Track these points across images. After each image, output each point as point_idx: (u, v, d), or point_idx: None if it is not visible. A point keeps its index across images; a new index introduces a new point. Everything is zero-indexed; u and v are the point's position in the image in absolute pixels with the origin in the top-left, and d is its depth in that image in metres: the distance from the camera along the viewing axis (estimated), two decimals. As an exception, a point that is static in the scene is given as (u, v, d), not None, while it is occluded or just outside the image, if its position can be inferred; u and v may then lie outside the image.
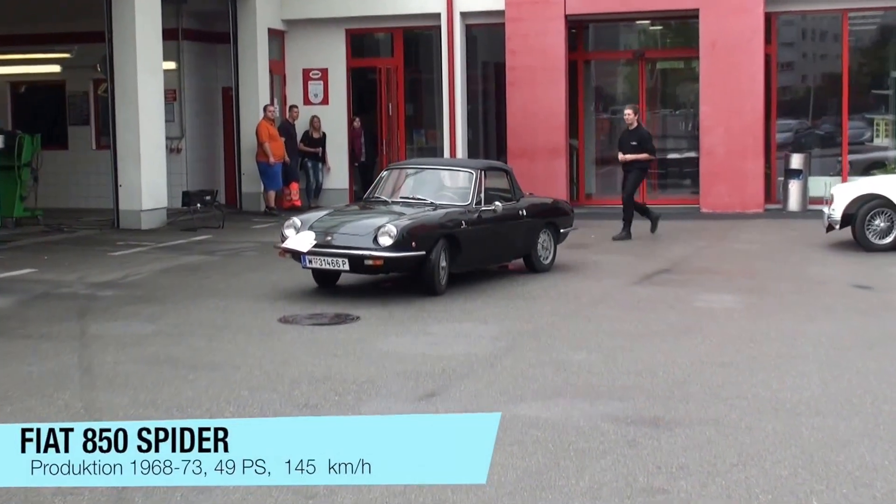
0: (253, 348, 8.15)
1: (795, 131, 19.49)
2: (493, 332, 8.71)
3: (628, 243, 14.46)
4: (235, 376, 7.25)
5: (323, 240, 10.29)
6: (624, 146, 14.80)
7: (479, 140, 20.91)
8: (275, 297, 10.47)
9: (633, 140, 14.72)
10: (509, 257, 11.99)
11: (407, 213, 10.72)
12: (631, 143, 14.74)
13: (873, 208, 13.03)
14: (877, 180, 13.62)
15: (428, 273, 10.29)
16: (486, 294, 10.57)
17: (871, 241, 13.00)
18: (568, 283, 11.26)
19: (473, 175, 11.31)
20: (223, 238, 15.45)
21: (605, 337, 8.51)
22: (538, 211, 12.14)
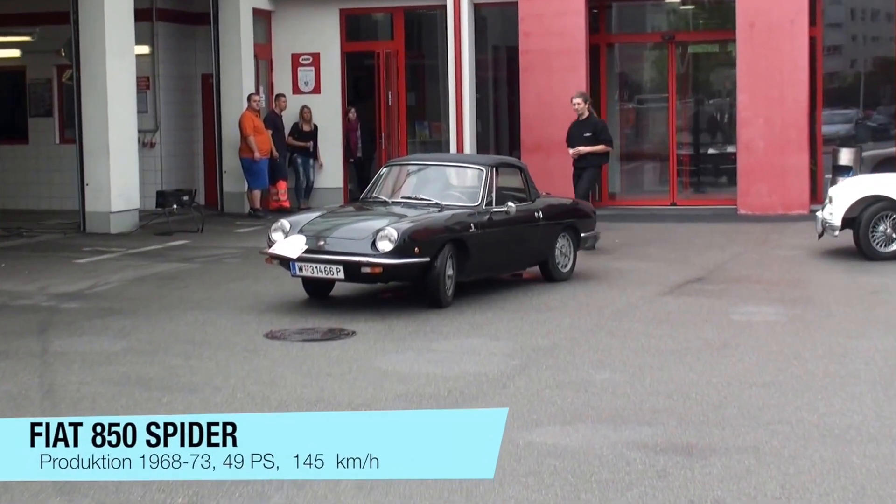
0: (236, 367, 8.16)
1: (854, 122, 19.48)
2: (506, 349, 8.70)
3: (658, 248, 14.45)
4: (216, 399, 7.26)
5: (315, 245, 10.30)
6: (574, 139, 14.60)
7: (490, 133, 20.92)
8: (260, 309, 10.48)
9: (585, 131, 14.56)
10: (524, 265, 11.98)
11: (409, 215, 10.72)
12: (583, 134, 14.54)
13: (878, 212, 12.76)
14: (882, 179, 13.28)
15: (432, 282, 10.30)
16: (497, 306, 10.57)
17: (876, 248, 12.79)
18: (589, 293, 11.26)
19: (483, 172, 11.32)
20: (202, 243, 15.46)
21: (630, 354, 8.50)
22: (556, 213, 12.14)
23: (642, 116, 20.93)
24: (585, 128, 14.60)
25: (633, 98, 20.91)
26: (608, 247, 14.43)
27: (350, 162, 20.42)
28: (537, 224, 11.66)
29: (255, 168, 18.49)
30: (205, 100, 19.98)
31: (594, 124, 14.65)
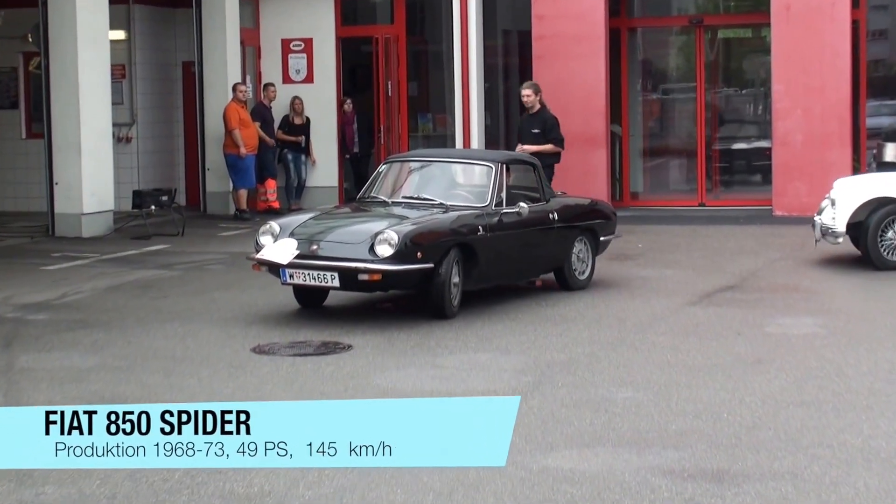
0: (220, 385, 8.16)
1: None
2: (518, 365, 8.70)
3: (685, 254, 14.44)
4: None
5: (307, 249, 10.30)
6: (524, 135, 14.13)
7: (499, 126, 20.93)
8: (247, 321, 10.48)
9: (534, 126, 14.11)
10: (537, 271, 11.98)
11: (410, 217, 10.73)
12: (532, 130, 14.07)
13: (887, 216, 12.48)
14: (890, 179, 12.95)
15: (437, 291, 10.30)
16: (508, 317, 10.58)
17: (886, 257, 12.52)
18: (610, 303, 11.26)
19: (493, 170, 11.32)
20: (183, 248, 15.48)
21: (655, 370, 8.49)
22: (573, 214, 12.14)
23: (667, 108, 20.92)
24: (534, 123, 14.13)
25: (657, 88, 20.91)
26: (630, 252, 14.42)
27: (346, 158, 20.44)
28: (552, 227, 11.66)
29: (241, 165, 18.49)
30: (186, 90, 20.00)
31: (544, 120, 14.15)
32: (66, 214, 16.49)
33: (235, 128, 18.27)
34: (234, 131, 18.28)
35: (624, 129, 19.58)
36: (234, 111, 18.36)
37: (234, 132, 18.29)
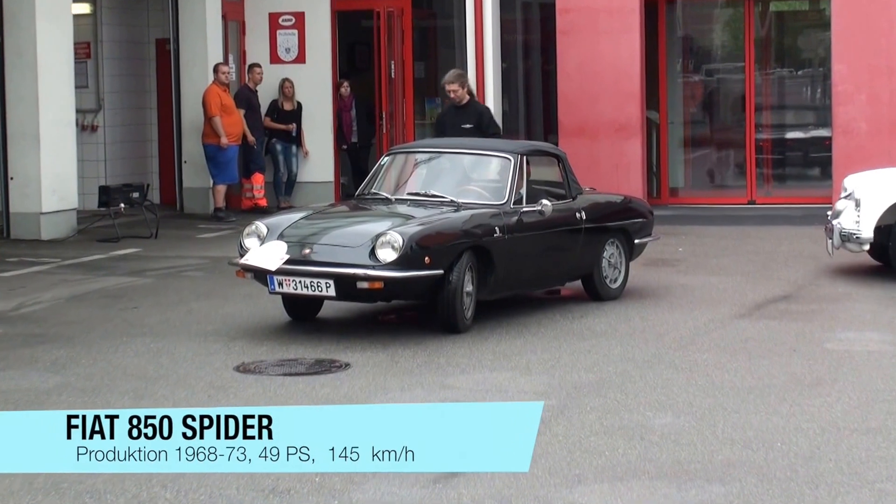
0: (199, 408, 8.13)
1: None
2: (540, 386, 8.68)
3: (733, 258, 14.41)
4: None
5: (298, 253, 10.30)
6: (451, 131, 13.78)
7: (519, 113, 20.91)
8: (230, 335, 10.47)
9: (465, 121, 13.79)
10: (562, 279, 11.97)
11: (417, 216, 10.72)
12: (463, 125, 13.77)
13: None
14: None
15: (447, 301, 10.29)
16: (528, 331, 10.56)
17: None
18: (646, 315, 11.24)
19: (511, 162, 11.31)
20: (157, 252, 15.48)
21: (698, 392, 8.47)
22: (603, 213, 12.13)
23: (712, 91, 20.89)
24: (465, 116, 13.80)
25: (699, 68, 20.88)
26: (669, 257, 14.40)
27: (343, 149, 20.44)
28: (579, 227, 11.65)
29: (222, 157, 18.48)
30: (160, 72, 20.01)
31: (479, 113, 13.90)
32: (22, 214, 16.49)
33: (216, 115, 18.26)
34: (214, 119, 18.26)
35: (662, 115, 19.55)
36: (214, 96, 18.35)
37: (213, 120, 18.26)
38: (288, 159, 19.79)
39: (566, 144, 17.49)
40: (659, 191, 19.50)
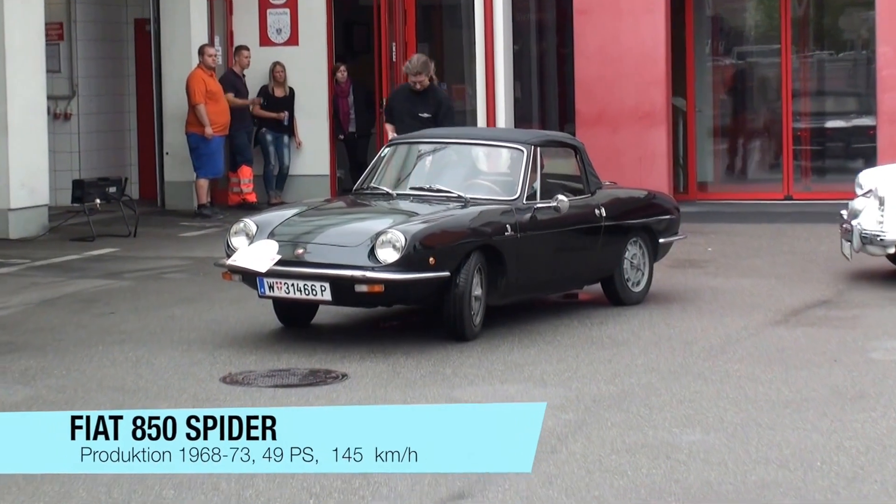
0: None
1: None
2: (556, 400, 8.68)
3: (767, 259, 14.40)
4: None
5: (291, 254, 10.30)
6: (406, 117, 13.67)
7: (532, 100, 20.90)
8: (216, 343, 10.48)
9: (423, 109, 13.68)
10: (580, 282, 11.97)
11: (420, 213, 10.73)
12: (420, 113, 13.67)
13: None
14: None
15: (454, 306, 10.28)
16: (543, 339, 10.56)
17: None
18: (672, 321, 11.24)
19: (524, 154, 11.31)
20: (136, 252, 15.49)
21: (730, 406, 8.46)
22: (625, 210, 12.13)
23: (744, 76, 20.87)
24: (423, 104, 13.65)
25: (730, 51, 20.86)
26: (698, 257, 14.39)
27: (339, 139, 20.43)
28: (599, 225, 11.64)
29: (206, 149, 18.47)
30: (139, 55, 20.02)
31: (438, 101, 13.78)
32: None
33: (200, 102, 18.25)
34: (198, 107, 18.26)
35: (689, 102, 19.54)
36: (199, 81, 18.36)
37: (198, 108, 18.26)
38: (279, 150, 19.80)
39: (584, 134, 17.47)
40: (686, 185, 19.48)
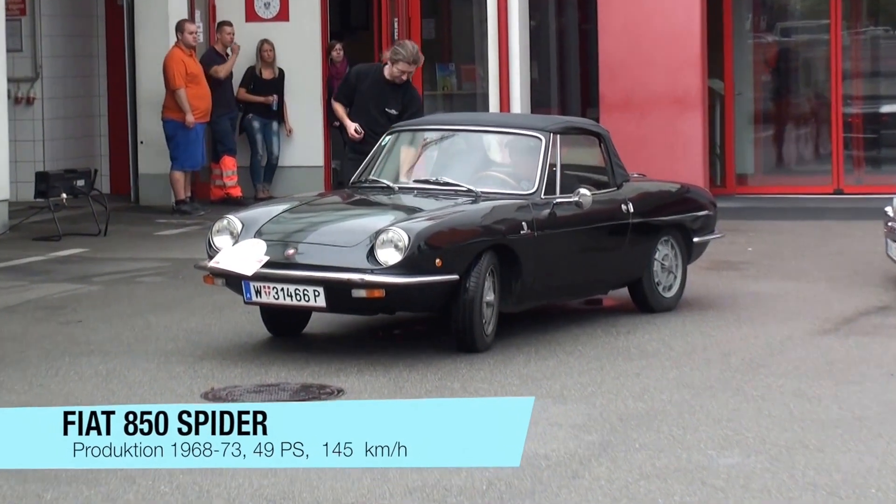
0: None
1: None
2: (578, 418, 8.68)
3: (815, 260, 14.39)
4: (126, 497, 7.26)
5: (281, 255, 10.30)
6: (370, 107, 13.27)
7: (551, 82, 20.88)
8: (196, 354, 10.48)
9: (393, 104, 13.19)
10: (605, 286, 11.97)
11: (426, 209, 10.75)
12: (388, 109, 13.22)
13: None
14: None
15: (463, 313, 10.28)
16: (563, 350, 10.56)
17: None
18: (707, 330, 11.24)
19: (542, 142, 11.30)
20: (107, 252, 15.49)
21: (772, 426, 8.46)
22: (655, 205, 12.15)
23: (789, 56, 20.85)
24: (393, 98, 13.21)
25: (773, 27, 20.83)
26: (736, 258, 14.38)
27: (334, 127, 20.40)
28: (626, 223, 11.63)
29: (184, 137, 18.43)
30: (110, 32, 20.01)
31: (411, 99, 13.33)
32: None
33: (181, 87, 18.21)
34: (178, 92, 18.22)
35: (727, 85, 19.52)
36: (178, 62, 18.30)
37: (178, 93, 18.22)
38: (268, 139, 19.78)
39: (609, 120, 17.48)
40: (723, 177, 19.46)
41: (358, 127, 13.25)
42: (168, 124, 18.48)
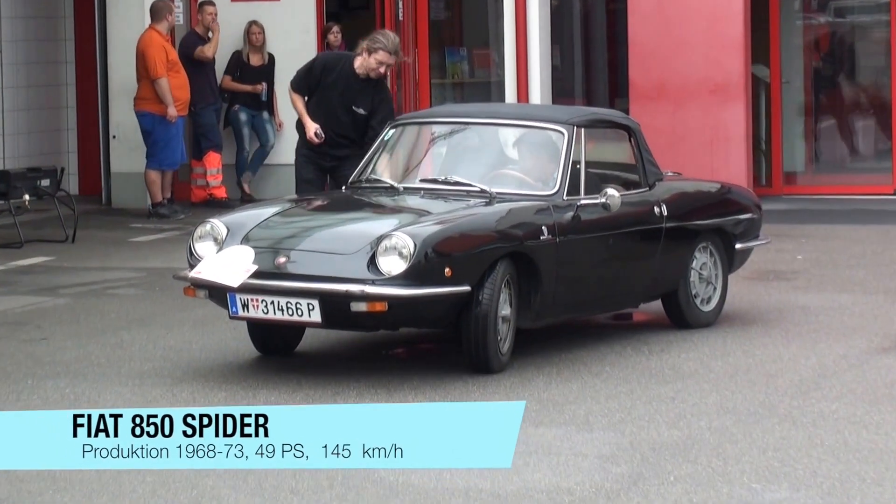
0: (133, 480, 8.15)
1: None
2: (605, 447, 8.70)
3: (872, 270, 14.38)
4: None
5: (271, 264, 10.31)
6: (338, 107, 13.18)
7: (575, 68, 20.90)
8: (175, 376, 10.50)
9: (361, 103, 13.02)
10: (635, 298, 11.98)
11: (433, 212, 10.77)
12: (356, 107, 13.08)
13: None
14: None
15: (475, 329, 10.29)
16: (588, 371, 10.58)
17: None
18: (751, 349, 11.25)
19: (565, 136, 11.31)
20: (75, 261, 15.50)
21: (825, 456, 8.47)
22: (692, 207, 12.17)
23: (843, 40, 20.84)
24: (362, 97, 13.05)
25: (826, 6, 20.83)
26: (784, 268, 14.38)
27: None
28: (659, 227, 11.65)
29: (163, 132, 18.43)
30: (79, 12, 20.04)
31: (381, 99, 13.14)
32: None
33: (163, 76, 18.19)
34: (159, 81, 18.19)
35: (773, 72, 19.51)
36: (158, 48, 18.27)
37: (159, 83, 18.19)
38: (259, 129, 19.74)
39: (641, 112, 17.49)
40: (769, 176, 19.46)
41: (319, 130, 13.09)
42: (145, 118, 18.43)
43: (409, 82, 19.88)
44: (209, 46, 18.95)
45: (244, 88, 19.67)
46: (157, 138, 18.41)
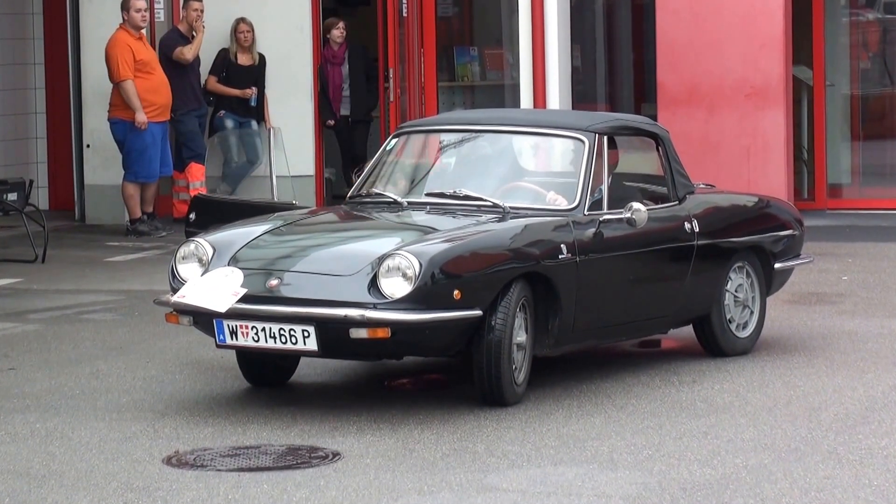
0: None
1: None
2: (631, 488, 8.71)
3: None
4: None
5: (262, 286, 10.35)
6: None
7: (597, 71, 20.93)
8: (157, 410, 10.52)
9: None
10: (663, 324, 11.99)
11: (441, 229, 10.79)
12: None
13: None
14: None
15: (488, 358, 10.31)
16: (612, 403, 10.59)
17: None
18: (791, 379, 11.25)
19: (585, 145, 11.34)
20: (45, 283, 15.54)
21: (875, 497, 8.47)
22: (727, 223, 12.18)
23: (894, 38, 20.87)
24: None
25: (874, 2, 20.85)
26: (829, 290, 14.39)
27: (328, 126, 20.45)
28: (690, 245, 11.68)
29: (137, 141, 18.42)
30: (49, 9, 20.09)
31: None
32: None
33: (126, 78, 18.19)
34: (123, 84, 18.19)
35: (817, 74, 19.54)
36: (123, 47, 18.27)
37: (122, 86, 18.19)
38: (248, 146, 19.76)
39: (670, 118, 17.53)
40: (812, 189, 19.48)
41: None
42: (117, 126, 18.40)
43: (415, 86, 19.91)
44: (189, 48, 18.89)
45: (231, 92, 19.62)
46: (131, 148, 18.33)
